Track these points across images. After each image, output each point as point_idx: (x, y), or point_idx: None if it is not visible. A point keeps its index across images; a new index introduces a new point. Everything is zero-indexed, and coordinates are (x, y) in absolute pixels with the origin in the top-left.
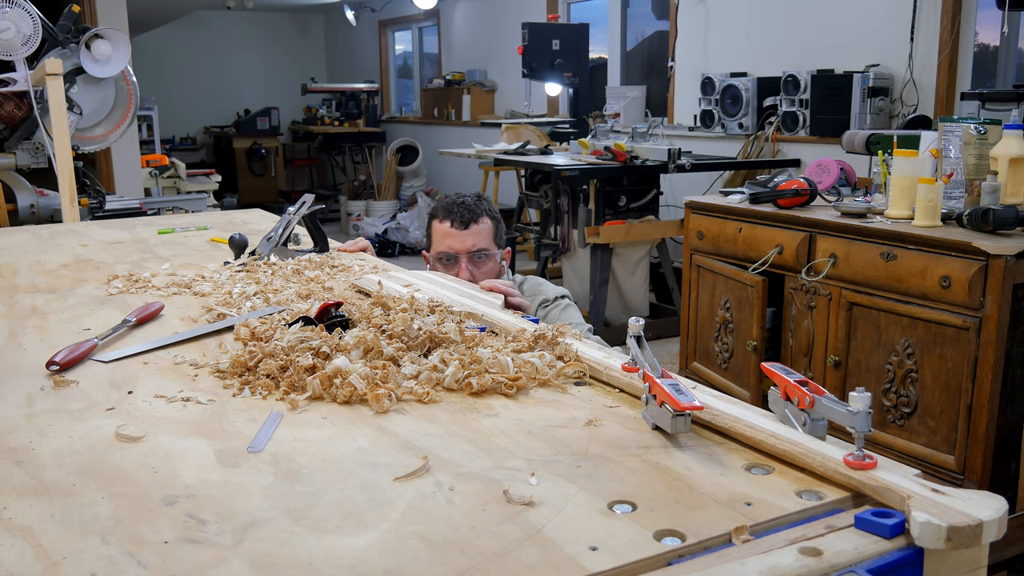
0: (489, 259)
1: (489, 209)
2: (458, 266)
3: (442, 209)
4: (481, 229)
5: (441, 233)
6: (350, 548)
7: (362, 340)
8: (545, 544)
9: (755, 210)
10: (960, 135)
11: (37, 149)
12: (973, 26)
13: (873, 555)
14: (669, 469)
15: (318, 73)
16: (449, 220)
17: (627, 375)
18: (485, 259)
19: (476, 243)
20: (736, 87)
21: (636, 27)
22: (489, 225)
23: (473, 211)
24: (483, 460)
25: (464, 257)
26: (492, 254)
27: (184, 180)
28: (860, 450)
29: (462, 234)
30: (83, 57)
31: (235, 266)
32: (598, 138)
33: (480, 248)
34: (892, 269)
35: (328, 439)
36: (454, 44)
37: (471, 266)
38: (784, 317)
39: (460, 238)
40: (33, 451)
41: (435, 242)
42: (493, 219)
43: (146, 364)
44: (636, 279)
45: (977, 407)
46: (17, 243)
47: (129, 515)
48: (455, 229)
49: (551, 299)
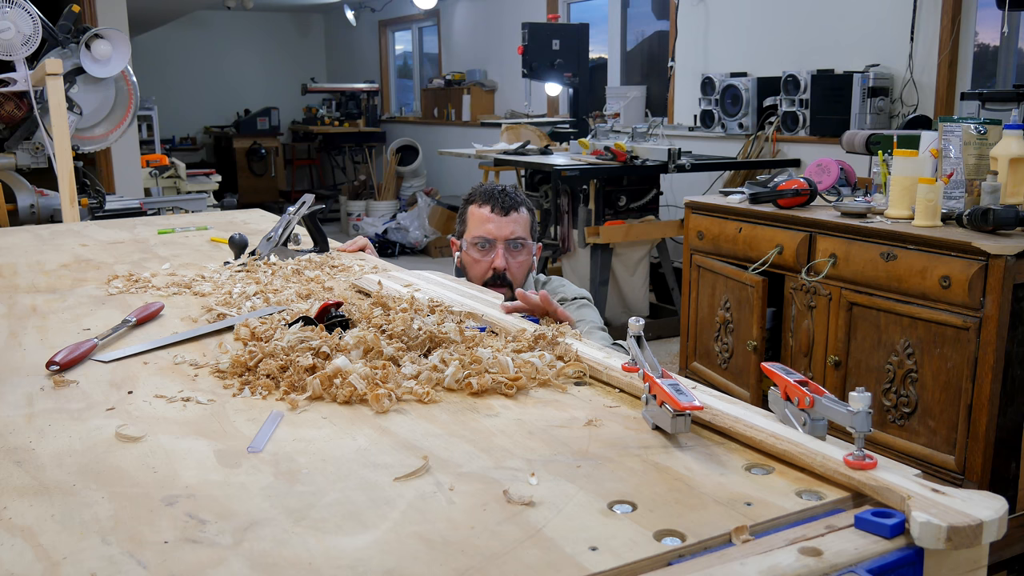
0: (525, 249)
1: (527, 200)
2: (494, 252)
3: (482, 194)
4: (520, 218)
5: (479, 218)
6: (350, 548)
7: (362, 340)
8: (545, 544)
9: (755, 210)
10: (960, 135)
11: (37, 149)
12: (973, 26)
13: (873, 555)
14: (669, 469)
15: (318, 73)
16: (489, 205)
17: (627, 375)
18: (521, 249)
19: (515, 231)
20: (736, 87)
21: (636, 27)
22: (527, 216)
23: (514, 199)
24: (483, 460)
25: (501, 244)
26: (528, 245)
27: (184, 180)
28: (860, 450)
29: (502, 220)
30: (83, 57)
31: (235, 266)
32: (598, 138)
33: (518, 236)
34: (892, 269)
35: (328, 439)
36: (454, 44)
37: (507, 254)
38: (784, 317)
39: (499, 224)
40: (33, 451)
41: (471, 227)
42: (530, 211)
43: (146, 364)
44: (636, 279)
45: (977, 407)
46: (17, 243)
47: (129, 515)
48: (495, 215)
49: (570, 298)
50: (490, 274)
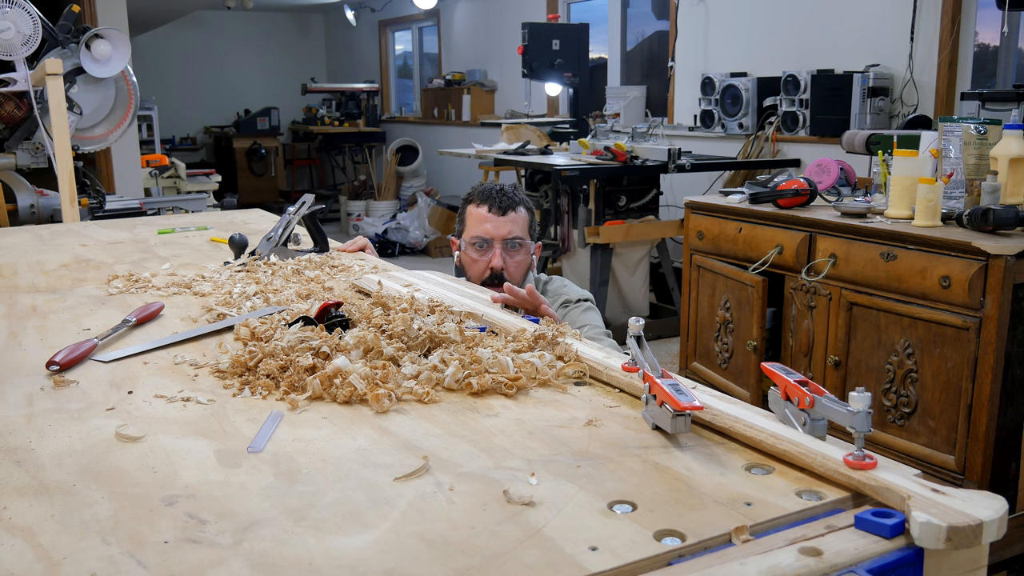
0: (523, 249)
1: (525, 200)
2: (491, 252)
3: (480, 194)
4: (518, 218)
5: (477, 218)
6: (350, 548)
7: (362, 340)
8: (545, 544)
9: (755, 210)
10: (960, 135)
11: (37, 149)
12: (973, 26)
13: (873, 555)
14: (669, 469)
15: (318, 73)
16: (487, 205)
17: (627, 375)
18: (519, 248)
19: (512, 231)
20: (736, 87)
21: (636, 27)
22: (525, 216)
23: (512, 199)
24: (483, 460)
25: (499, 244)
26: (526, 244)
27: (184, 180)
28: (860, 450)
29: (499, 220)
30: (83, 57)
31: (235, 266)
32: (598, 138)
33: (516, 236)
34: (892, 269)
35: (328, 439)
36: (454, 44)
37: (505, 254)
38: (784, 317)
39: (496, 224)
40: (33, 451)
41: (469, 226)
42: (529, 210)
43: (146, 364)
44: (636, 279)
45: (977, 407)
46: (17, 243)
47: (129, 515)
48: (492, 214)
49: (573, 300)
50: (488, 274)
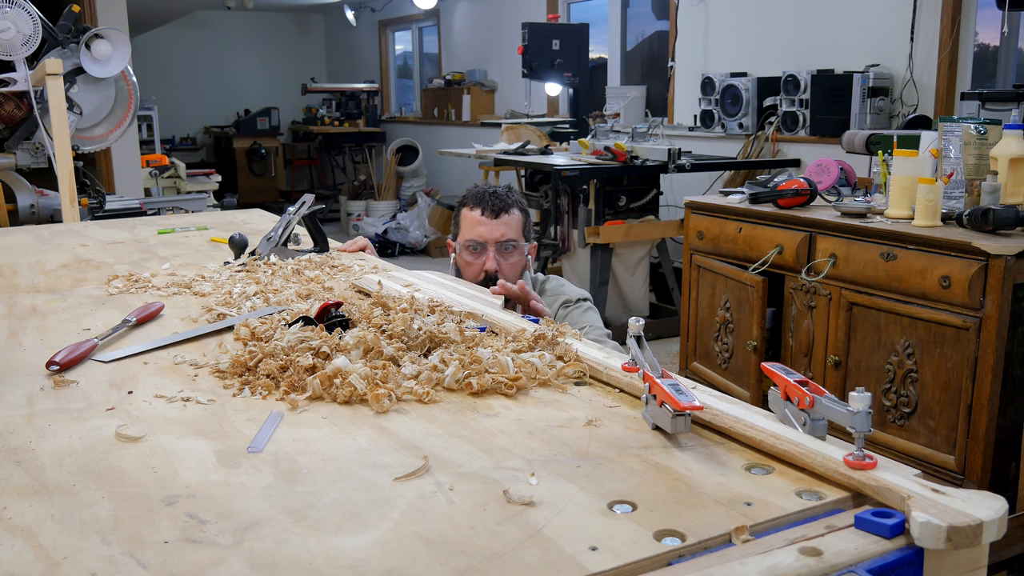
0: (517, 251)
1: (519, 201)
2: (485, 255)
3: (473, 197)
4: (511, 220)
5: (471, 221)
6: (350, 548)
7: (362, 340)
8: (545, 544)
9: (755, 210)
10: (960, 135)
11: (37, 149)
12: (973, 26)
13: (873, 555)
14: (669, 469)
15: (318, 73)
16: (480, 208)
17: (627, 375)
18: (513, 250)
19: (505, 233)
20: (736, 87)
21: (636, 27)
22: (519, 217)
23: (504, 201)
24: (483, 460)
25: (492, 247)
26: (520, 246)
27: (184, 180)
28: (860, 450)
29: (492, 223)
30: (83, 57)
31: (235, 266)
32: (598, 138)
33: (509, 239)
34: (892, 269)
35: (328, 439)
36: (454, 44)
37: (499, 256)
38: (784, 317)
39: (490, 227)
40: (33, 451)
41: (463, 230)
42: (523, 212)
43: (146, 364)
44: (636, 279)
45: (977, 407)
46: (17, 243)
47: (129, 515)
48: (485, 218)
49: (573, 300)
50: (482, 276)
